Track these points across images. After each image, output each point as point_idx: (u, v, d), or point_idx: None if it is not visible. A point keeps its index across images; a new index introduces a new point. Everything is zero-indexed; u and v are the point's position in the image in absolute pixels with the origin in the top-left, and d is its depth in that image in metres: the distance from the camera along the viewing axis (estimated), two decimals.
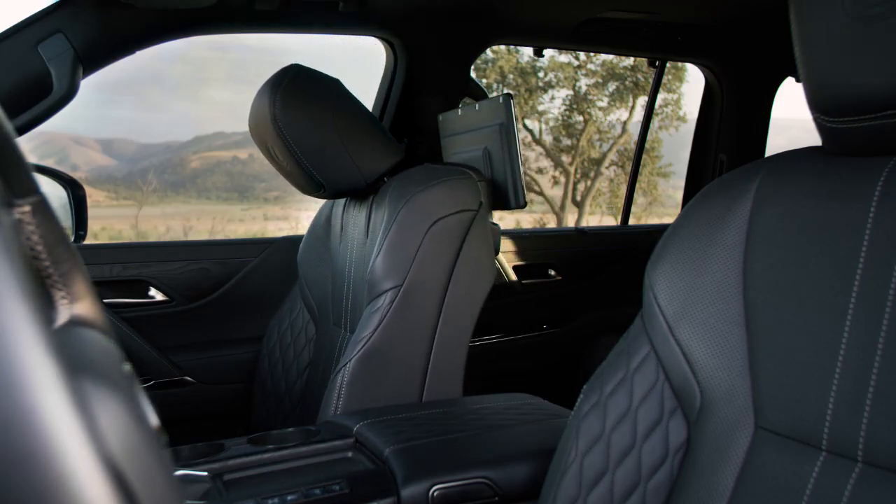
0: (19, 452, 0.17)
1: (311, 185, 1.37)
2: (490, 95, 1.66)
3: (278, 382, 1.58)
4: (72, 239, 1.19)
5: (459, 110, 1.59)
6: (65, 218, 1.50)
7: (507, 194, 1.44)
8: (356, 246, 1.42)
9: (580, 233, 2.36)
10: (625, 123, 10.05)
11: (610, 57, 9.55)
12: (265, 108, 1.30)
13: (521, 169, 1.42)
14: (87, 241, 1.56)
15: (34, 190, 0.24)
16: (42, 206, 0.24)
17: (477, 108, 1.51)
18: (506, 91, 2.04)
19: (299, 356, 1.56)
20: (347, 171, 1.35)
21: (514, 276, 2.12)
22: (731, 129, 2.42)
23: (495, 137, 1.45)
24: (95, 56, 1.42)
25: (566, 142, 10.18)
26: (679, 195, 2.70)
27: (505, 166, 1.43)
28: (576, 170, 10.11)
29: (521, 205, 1.42)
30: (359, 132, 1.36)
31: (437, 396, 1.30)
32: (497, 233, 1.43)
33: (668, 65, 2.62)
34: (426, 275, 1.27)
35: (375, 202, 1.38)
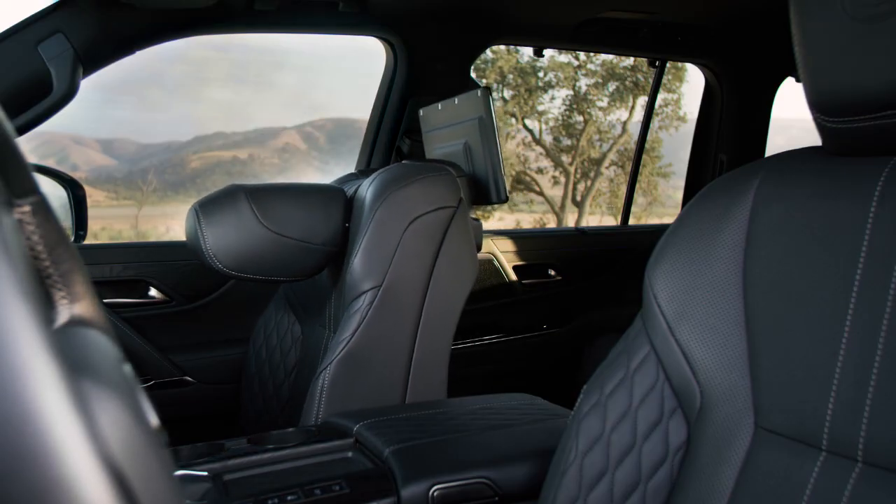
0: (19, 452, 0.17)
1: (291, 278, 1.35)
2: (490, 95, 1.65)
3: (266, 384, 1.56)
4: (72, 239, 1.19)
5: (440, 105, 1.57)
6: (65, 218, 1.50)
7: (488, 189, 1.42)
8: None
9: (580, 233, 2.36)
10: (625, 123, 10.05)
11: (610, 57, 9.54)
12: (209, 263, 1.27)
13: (502, 163, 1.40)
14: (87, 241, 1.56)
15: (34, 190, 0.24)
16: (42, 206, 0.24)
17: (456, 102, 1.49)
18: (484, 84, 2.00)
19: (286, 357, 1.54)
20: (307, 252, 1.32)
21: (514, 276, 2.12)
22: (731, 129, 2.42)
23: (475, 131, 1.42)
24: (95, 56, 1.42)
25: (566, 142, 10.18)
26: (679, 195, 2.70)
27: (485, 160, 1.41)
28: (576, 170, 10.10)
29: (502, 199, 1.40)
30: (290, 215, 1.30)
31: (421, 397, 1.28)
32: (479, 229, 1.41)
33: (668, 65, 2.62)
34: (405, 274, 1.25)
35: (354, 202, 1.36)
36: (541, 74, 9.86)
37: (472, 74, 2.00)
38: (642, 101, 9.62)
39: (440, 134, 1.59)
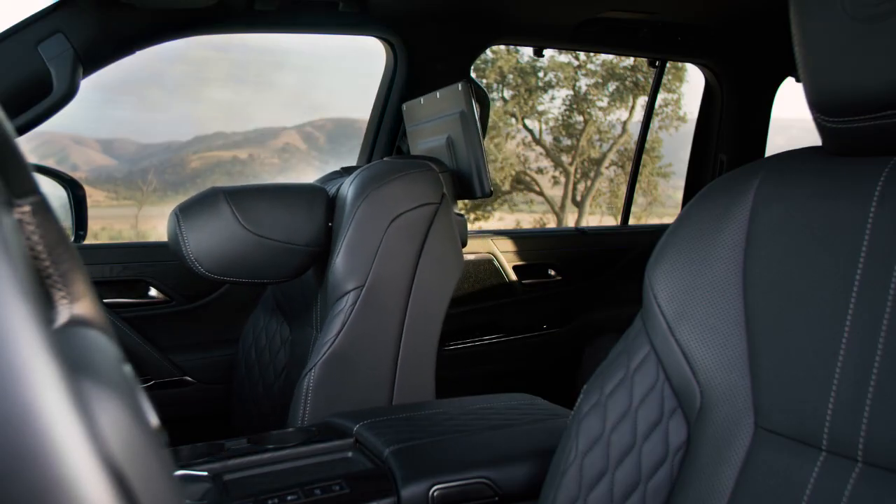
0: (19, 452, 0.17)
1: (276, 280, 1.34)
2: (490, 96, 1.65)
3: (255, 385, 1.55)
4: (72, 239, 1.19)
5: (422, 100, 1.55)
6: (65, 218, 1.50)
7: (471, 183, 1.40)
8: None
9: (580, 233, 2.36)
10: (625, 123, 10.05)
11: (610, 57, 9.54)
12: (191, 267, 1.26)
13: (485, 156, 1.38)
14: (87, 241, 1.56)
15: (34, 190, 0.24)
16: (42, 206, 0.24)
17: (438, 96, 1.47)
18: (465, 77, 1.98)
19: (275, 358, 1.53)
20: (290, 253, 1.30)
21: (514, 276, 2.12)
22: (731, 129, 2.42)
23: (457, 126, 1.41)
24: (95, 56, 1.42)
25: (566, 142, 10.18)
26: (679, 195, 2.70)
27: (468, 154, 1.39)
28: (576, 170, 10.11)
29: (486, 193, 1.38)
30: (271, 216, 1.28)
31: (408, 397, 1.27)
32: (463, 225, 1.40)
33: (668, 65, 2.62)
34: (389, 273, 1.24)
35: (336, 200, 1.34)
36: (541, 74, 9.86)
37: (472, 74, 2.00)
38: (642, 101, 9.62)
39: (423, 129, 1.57)
